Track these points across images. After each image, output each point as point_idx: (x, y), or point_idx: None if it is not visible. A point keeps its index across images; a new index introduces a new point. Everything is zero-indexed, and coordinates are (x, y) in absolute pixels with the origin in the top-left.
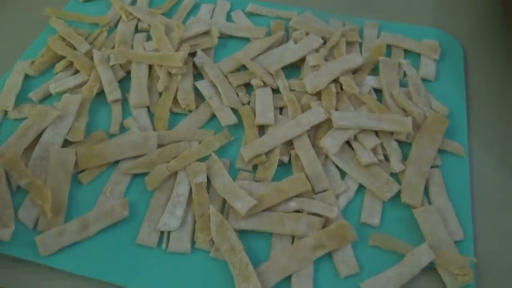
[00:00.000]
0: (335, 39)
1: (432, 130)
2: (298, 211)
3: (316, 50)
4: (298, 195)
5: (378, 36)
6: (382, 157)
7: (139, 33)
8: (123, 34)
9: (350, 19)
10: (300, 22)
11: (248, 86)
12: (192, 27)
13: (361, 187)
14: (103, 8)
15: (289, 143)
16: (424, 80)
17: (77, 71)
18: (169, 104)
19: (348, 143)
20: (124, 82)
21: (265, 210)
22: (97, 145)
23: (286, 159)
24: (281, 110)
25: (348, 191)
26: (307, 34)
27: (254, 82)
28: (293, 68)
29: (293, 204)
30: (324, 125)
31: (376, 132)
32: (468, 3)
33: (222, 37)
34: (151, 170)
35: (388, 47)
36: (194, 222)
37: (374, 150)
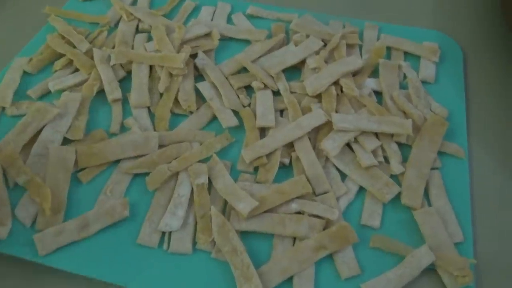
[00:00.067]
0: (335, 42)
1: (432, 132)
2: (299, 212)
3: (317, 53)
4: (299, 197)
5: (378, 38)
6: (382, 159)
7: (140, 33)
8: (124, 34)
9: (350, 21)
10: (300, 25)
11: (248, 88)
12: (193, 29)
13: (361, 189)
14: (103, 8)
15: (290, 145)
16: (423, 82)
17: (76, 69)
18: (170, 105)
19: (348, 145)
20: (124, 82)
21: (266, 211)
22: (97, 144)
23: (287, 161)
24: (281, 112)
25: (348, 193)
26: (307, 36)
27: (255, 84)
28: (293, 71)
29: (294, 206)
30: (325, 127)
31: (376, 134)
32: (468, 5)
33: (222, 39)
34: (152, 170)
35: (388, 49)
36: (196, 223)
37: (374, 152)
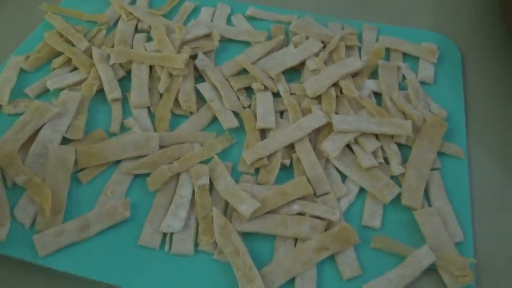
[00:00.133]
0: (334, 43)
1: (432, 133)
2: (300, 213)
3: (316, 54)
4: (300, 198)
5: (377, 40)
6: (382, 160)
7: (139, 33)
8: (123, 33)
9: (349, 22)
10: (299, 26)
11: (248, 90)
12: (193, 30)
13: (362, 190)
14: (100, 6)
15: (290, 147)
16: (422, 83)
17: (75, 68)
18: (170, 105)
19: (348, 146)
20: (124, 81)
21: (267, 212)
22: (97, 143)
23: (287, 162)
24: (281, 113)
25: (349, 194)
26: (307, 38)
27: (255, 86)
28: (293, 72)
29: (296, 207)
30: (325, 128)
31: (376, 135)
32: (466, 6)
33: (222, 40)
34: (153, 171)
35: (387, 50)
36: (197, 224)
37: (374, 153)
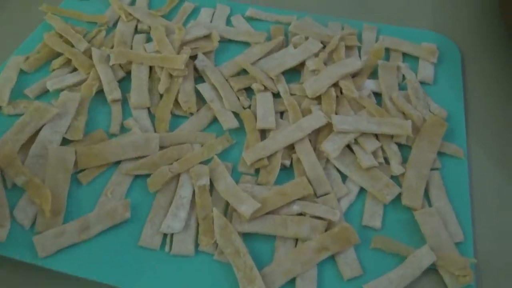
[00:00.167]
0: (334, 43)
1: (431, 133)
2: (301, 214)
3: (316, 55)
4: (300, 199)
5: (377, 40)
6: (382, 160)
7: (138, 34)
8: (123, 34)
9: (349, 22)
10: (299, 27)
11: (248, 90)
12: (192, 31)
13: (362, 190)
14: (100, 7)
15: (290, 147)
16: (422, 83)
17: (74, 69)
18: (170, 106)
19: (348, 146)
20: (124, 82)
21: (268, 213)
22: (97, 144)
23: (288, 163)
24: (281, 114)
25: (349, 194)
26: (306, 38)
27: (255, 86)
28: (293, 73)
29: (296, 207)
30: (325, 129)
31: (376, 136)
32: (466, 6)
33: (222, 41)
34: (153, 171)
35: (387, 50)
36: (197, 225)
37: (374, 153)
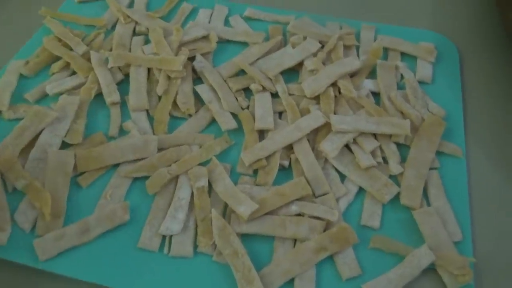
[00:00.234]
0: (332, 43)
1: (430, 132)
2: (299, 214)
3: (314, 54)
4: (298, 199)
5: (375, 39)
6: (381, 159)
7: (137, 36)
8: (121, 36)
9: (347, 22)
10: (297, 27)
11: (247, 91)
12: (190, 31)
13: (360, 190)
14: (99, 10)
15: (289, 147)
16: (420, 82)
17: (74, 72)
18: (168, 108)
19: (347, 146)
20: (122, 84)
21: (266, 213)
22: (96, 147)
23: (286, 163)
24: (280, 114)
25: (348, 194)
26: (304, 38)
27: (253, 87)
28: (291, 73)
29: (294, 208)
30: (323, 129)
31: (374, 135)
32: (464, 6)
33: (220, 41)
34: (151, 173)
35: (385, 50)
36: (196, 226)
37: (373, 153)
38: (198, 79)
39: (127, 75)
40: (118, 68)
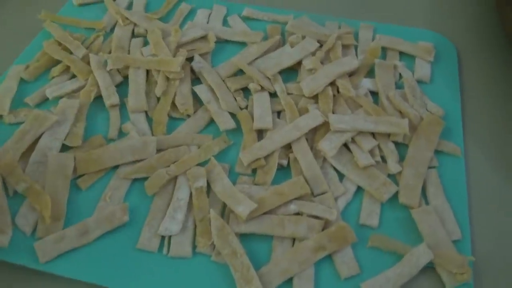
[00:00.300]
0: (331, 42)
1: (428, 131)
2: (298, 213)
3: (313, 54)
4: (297, 198)
5: (373, 39)
6: (379, 158)
7: (135, 38)
8: (120, 39)
9: (346, 21)
10: (296, 26)
11: (245, 91)
12: (189, 32)
13: (359, 189)
14: (98, 13)
15: (287, 147)
16: (419, 82)
17: (73, 75)
18: (167, 109)
19: (345, 145)
20: (121, 86)
21: (265, 213)
22: (96, 150)
23: (285, 162)
24: (278, 113)
25: (346, 193)
26: (303, 37)
27: (252, 86)
28: (290, 72)
29: (293, 207)
30: (322, 128)
31: (373, 134)
32: (463, 5)
33: (218, 41)
34: (150, 174)
35: (383, 49)
36: (195, 227)
37: (371, 152)
38: (196, 79)
39: (126, 77)
40: (117, 70)
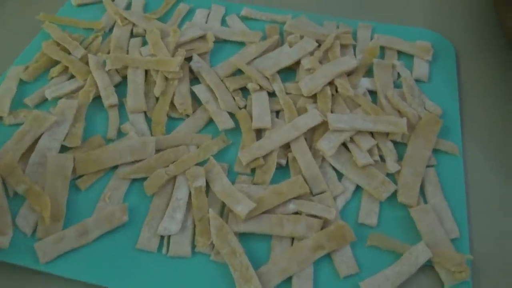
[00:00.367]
0: (329, 42)
1: (427, 130)
2: (297, 213)
3: (311, 53)
4: (296, 197)
5: (372, 38)
6: (378, 158)
7: (134, 38)
8: (118, 39)
9: (344, 21)
10: (294, 26)
11: (244, 90)
12: (187, 32)
13: (358, 188)
14: (97, 13)
15: (286, 146)
16: (417, 81)
17: (72, 76)
18: (166, 109)
19: (344, 144)
20: (120, 87)
21: (264, 212)
22: (95, 150)
23: (283, 162)
24: (277, 113)
25: (345, 193)
26: (301, 37)
27: (251, 86)
28: (288, 72)
29: (292, 206)
30: (320, 127)
31: (371, 133)
32: (461, 4)
33: (217, 41)
34: (149, 175)
35: (382, 48)
36: (194, 226)
37: (370, 151)
38: (195, 79)
39: (124, 77)
40: (115, 71)
